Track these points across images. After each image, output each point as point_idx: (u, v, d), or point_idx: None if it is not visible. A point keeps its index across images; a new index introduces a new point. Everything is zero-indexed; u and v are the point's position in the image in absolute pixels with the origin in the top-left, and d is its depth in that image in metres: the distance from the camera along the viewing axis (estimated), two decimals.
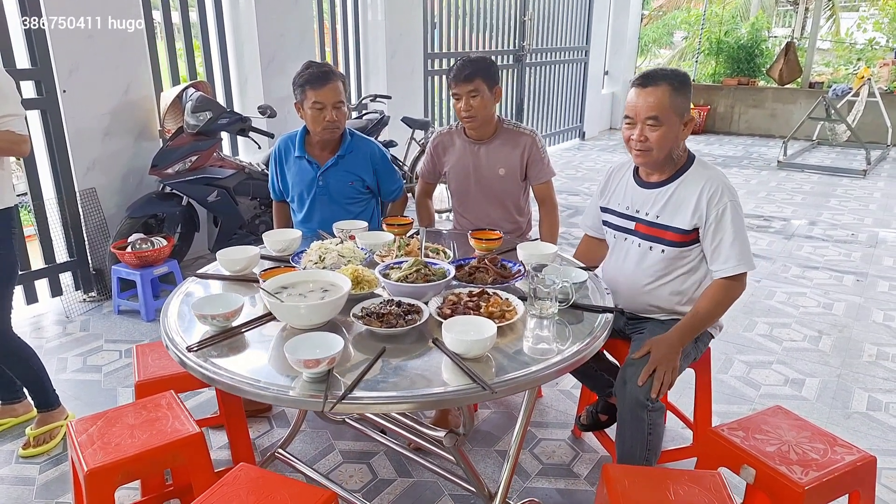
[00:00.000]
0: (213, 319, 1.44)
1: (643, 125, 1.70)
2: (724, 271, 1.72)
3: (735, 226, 1.71)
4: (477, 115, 2.24)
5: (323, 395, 1.20)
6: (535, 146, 2.34)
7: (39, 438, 2.21)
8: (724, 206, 1.71)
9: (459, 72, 2.20)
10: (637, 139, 1.71)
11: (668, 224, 1.78)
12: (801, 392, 2.57)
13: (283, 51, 4.24)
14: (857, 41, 10.75)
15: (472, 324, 1.41)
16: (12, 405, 2.33)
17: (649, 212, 1.82)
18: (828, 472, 1.45)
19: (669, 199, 1.78)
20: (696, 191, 1.74)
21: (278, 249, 1.91)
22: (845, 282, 3.75)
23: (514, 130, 2.36)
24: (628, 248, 1.89)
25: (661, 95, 1.67)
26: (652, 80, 1.69)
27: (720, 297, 1.73)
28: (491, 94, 2.24)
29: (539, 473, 2.08)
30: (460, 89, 2.21)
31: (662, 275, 1.83)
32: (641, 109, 1.69)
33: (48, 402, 2.26)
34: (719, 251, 1.72)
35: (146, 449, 1.51)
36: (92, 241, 3.39)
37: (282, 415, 2.40)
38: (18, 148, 1.96)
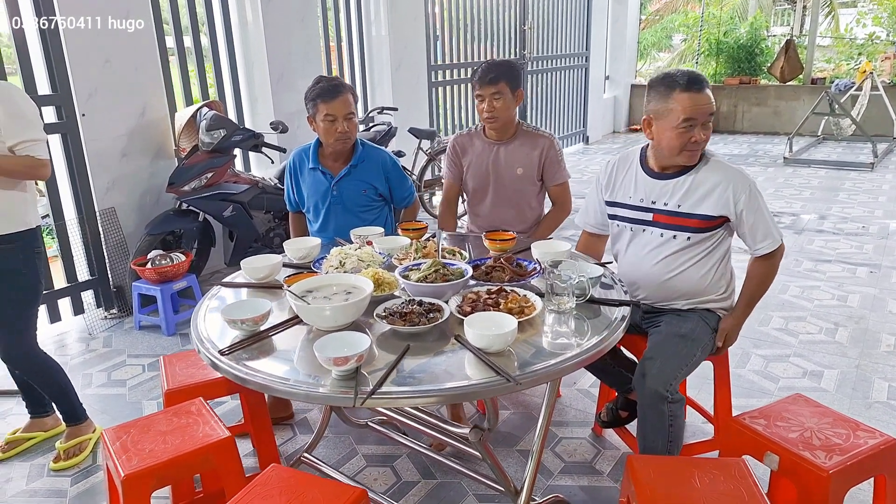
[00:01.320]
0: (243, 324, 1.49)
1: (703, 125, 1.78)
2: (764, 248, 1.84)
3: (762, 203, 1.83)
4: (499, 116, 2.31)
5: (353, 391, 1.24)
6: (552, 148, 2.42)
7: (69, 451, 2.26)
8: (748, 191, 1.80)
9: (484, 74, 2.28)
10: (701, 139, 1.79)
11: (692, 212, 1.84)
12: (821, 384, 2.58)
13: (291, 68, 4.33)
14: (857, 36, 10.77)
15: (492, 319, 1.44)
16: (42, 419, 2.38)
17: (668, 202, 1.87)
18: (851, 455, 1.46)
19: (689, 188, 1.84)
20: (718, 181, 1.81)
21: (299, 257, 1.96)
22: (859, 274, 3.75)
23: (532, 132, 2.44)
24: (647, 240, 1.93)
25: (710, 97, 1.78)
26: (703, 83, 1.78)
27: (768, 270, 1.88)
28: (513, 97, 2.32)
29: (562, 471, 2.10)
30: (484, 91, 2.28)
31: (686, 260, 1.88)
32: (705, 110, 1.76)
33: (76, 416, 2.31)
34: (756, 231, 1.83)
35: (179, 454, 1.55)
36: (112, 259, 3.47)
37: (304, 422, 2.43)
38: (37, 172, 2.01)
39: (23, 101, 1.98)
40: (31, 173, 2.01)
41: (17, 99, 1.96)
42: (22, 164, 1.97)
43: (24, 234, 2.05)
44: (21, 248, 2.05)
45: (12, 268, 2.05)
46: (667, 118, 1.79)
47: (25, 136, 1.95)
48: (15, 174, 1.99)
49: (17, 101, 1.95)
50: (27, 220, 2.06)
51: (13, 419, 2.52)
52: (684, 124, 1.76)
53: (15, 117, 1.94)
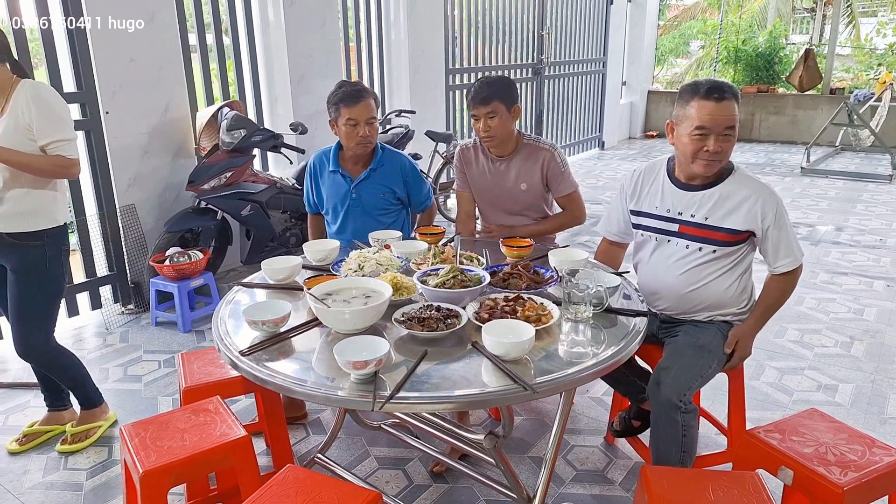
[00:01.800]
0: (263, 325, 1.51)
1: (718, 137, 1.74)
2: (784, 266, 1.83)
3: (787, 223, 1.83)
4: (495, 135, 2.30)
5: (371, 395, 1.25)
6: (553, 160, 2.38)
7: (77, 436, 2.32)
8: (776, 208, 1.80)
9: (477, 94, 2.26)
10: (714, 150, 1.75)
11: (720, 225, 1.84)
12: (835, 398, 2.56)
13: (311, 70, 4.37)
14: (878, 46, 10.65)
15: (510, 327, 1.45)
16: (59, 412, 2.42)
17: (695, 213, 1.87)
18: (867, 472, 1.46)
19: (717, 201, 1.83)
20: (746, 196, 1.81)
21: (318, 259, 1.98)
22: (875, 287, 3.72)
23: (533, 145, 2.41)
24: (672, 251, 1.93)
25: (733, 107, 1.74)
26: (724, 93, 1.74)
27: (787, 286, 1.88)
28: (509, 114, 2.30)
29: (573, 479, 2.10)
30: (478, 111, 2.27)
31: (711, 272, 1.88)
32: (721, 121, 1.73)
33: (90, 402, 2.37)
34: (779, 249, 1.83)
35: (197, 451, 1.57)
36: (131, 255, 3.52)
37: (317, 422, 2.46)
38: (68, 171, 2.05)
39: (55, 100, 2.01)
40: (62, 172, 2.05)
41: (50, 99, 2.00)
42: (53, 163, 2.01)
43: (53, 231, 2.10)
44: (50, 244, 2.10)
45: (40, 264, 2.09)
46: (683, 124, 1.80)
47: (57, 135, 1.99)
48: (45, 173, 2.03)
49: (49, 101, 1.99)
50: (56, 218, 2.10)
51: (31, 411, 2.56)
52: (697, 132, 1.75)
53: (48, 117, 1.97)
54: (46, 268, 2.11)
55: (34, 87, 1.99)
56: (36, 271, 2.10)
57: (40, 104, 1.96)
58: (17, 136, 1.96)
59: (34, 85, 2.00)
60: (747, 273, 1.93)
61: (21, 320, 2.14)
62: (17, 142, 1.97)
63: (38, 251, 2.08)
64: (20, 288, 2.11)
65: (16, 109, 1.96)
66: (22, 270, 2.10)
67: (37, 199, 2.06)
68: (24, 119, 1.96)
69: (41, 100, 1.97)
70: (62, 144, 2.01)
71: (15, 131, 1.96)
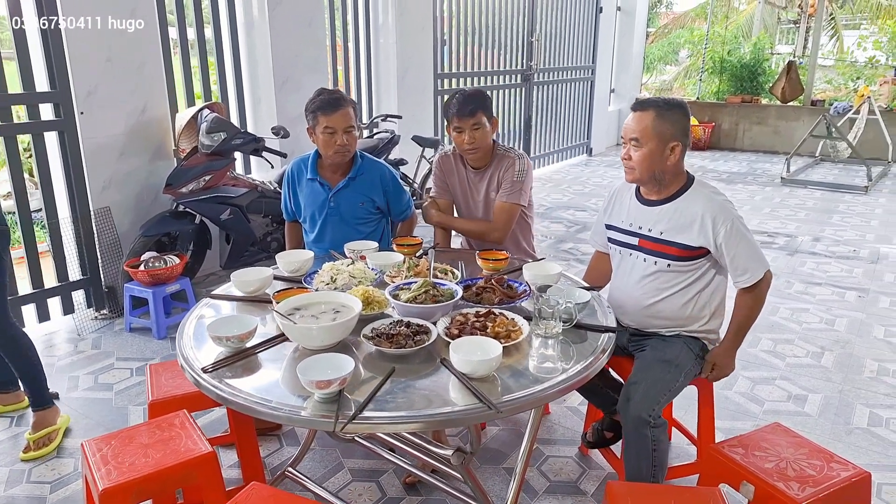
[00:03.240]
0: (228, 341, 1.49)
1: (629, 144, 1.85)
2: (746, 281, 1.83)
3: (744, 237, 1.82)
4: (480, 146, 2.32)
5: (334, 416, 1.25)
6: (513, 166, 2.36)
7: (39, 442, 2.28)
8: (730, 223, 1.80)
9: (463, 107, 2.27)
10: (623, 157, 1.87)
11: (673, 240, 1.86)
12: (804, 408, 2.60)
13: (296, 71, 4.34)
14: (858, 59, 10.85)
15: (478, 344, 1.46)
16: (3, 394, 2.44)
17: (652, 228, 1.89)
18: (823, 488, 1.48)
19: (672, 216, 1.86)
20: (699, 212, 1.82)
21: (291, 270, 1.97)
22: (847, 298, 3.78)
23: (503, 154, 2.42)
24: (633, 263, 1.95)
25: (645, 120, 1.81)
26: (642, 105, 1.84)
27: (752, 303, 1.86)
28: (490, 126, 2.33)
29: (546, 491, 2.11)
30: (463, 123, 2.27)
31: (668, 287, 1.90)
32: (628, 130, 1.85)
33: (43, 401, 2.33)
34: (737, 264, 1.82)
35: (159, 468, 1.54)
36: (105, 259, 3.47)
37: (292, 433, 2.44)
38: None
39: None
40: None
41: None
42: None
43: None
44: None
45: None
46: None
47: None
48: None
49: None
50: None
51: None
52: (622, 141, 1.89)
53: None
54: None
55: None
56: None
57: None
58: None
59: None
60: (709, 289, 1.91)
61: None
62: None
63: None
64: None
65: None
66: None
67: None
68: None
69: None
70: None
71: None
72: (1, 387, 2.45)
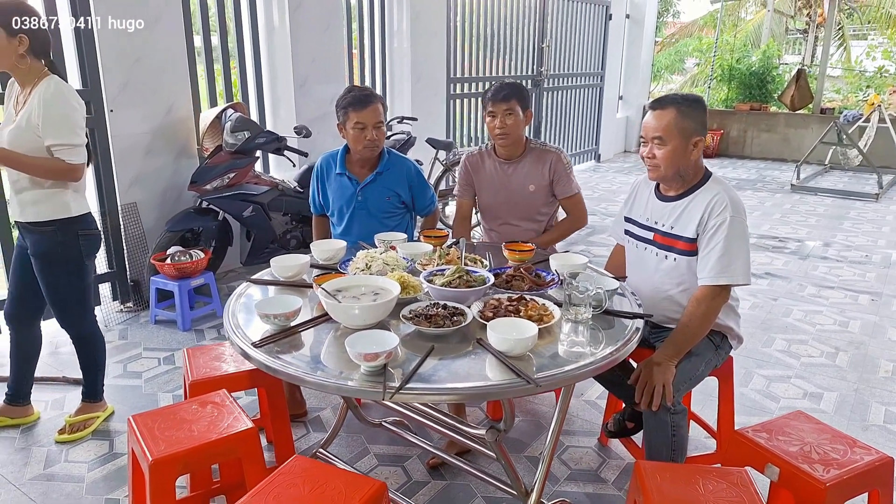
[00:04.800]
0: (275, 318, 1.56)
1: (651, 143, 1.88)
2: (704, 279, 1.82)
3: (728, 241, 1.78)
4: (510, 132, 2.40)
5: (382, 386, 1.31)
6: (559, 162, 2.49)
7: (75, 426, 2.36)
8: (724, 220, 1.80)
9: (497, 92, 2.38)
10: (647, 156, 1.90)
11: (680, 234, 1.91)
12: (820, 405, 2.64)
13: (314, 74, 4.44)
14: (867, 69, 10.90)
15: (514, 325, 1.52)
16: (13, 407, 2.42)
17: (665, 223, 1.95)
18: (848, 470, 1.53)
19: (683, 211, 1.91)
20: (704, 203, 1.86)
21: (325, 258, 2.04)
22: (860, 301, 3.82)
23: (540, 149, 2.52)
24: (648, 257, 2.01)
25: (667, 117, 1.84)
26: (661, 103, 1.88)
27: (702, 308, 1.80)
28: (523, 116, 2.42)
29: (568, 478, 2.16)
30: (496, 108, 2.38)
31: (677, 282, 1.94)
32: (650, 129, 1.88)
33: (94, 394, 2.43)
34: (706, 260, 1.82)
35: (205, 442, 1.61)
36: (131, 253, 3.55)
37: (317, 420, 2.50)
38: (65, 176, 2.05)
39: (66, 103, 2.01)
40: (59, 176, 2.05)
41: (60, 100, 1.99)
42: (50, 167, 2.02)
43: (65, 220, 2.13)
44: (62, 230, 2.14)
45: (53, 248, 2.15)
46: None
47: (60, 139, 2.00)
48: (41, 174, 2.04)
49: (59, 103, 1.99)
50: (70, 208, 2.14)
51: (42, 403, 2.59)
52: (641, 140, 1.92)
53: (56, 120, 1.98)
54: (60, 252, 2.15)
55: (50, 85, 1.99)
56: (51, 256, 2.16)
57: (49, 104, 1.97)
58: (27, 133, 2.00)
59: (52, 83, 2.00)
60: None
61: (54, 303, 2.23)
62: (27, 138, 2.00)
63: (50, 237, 2.13)
64: (41, 272, 2.18)
65: (31, 105, 2.00)
66: (38, 255, 2.16)
67: (45, 191, 2.09)
68: (34, 117, 1.98)
69: (52, 100, 1.97)
70: (66, 149, 2.01)
71: (26, 127, 2.00)
72: (13, 399, 2.41)
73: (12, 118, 2.07)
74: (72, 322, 2.30)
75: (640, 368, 1.80)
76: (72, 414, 2.40)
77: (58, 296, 2.22)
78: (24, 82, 2.06)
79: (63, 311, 2.26)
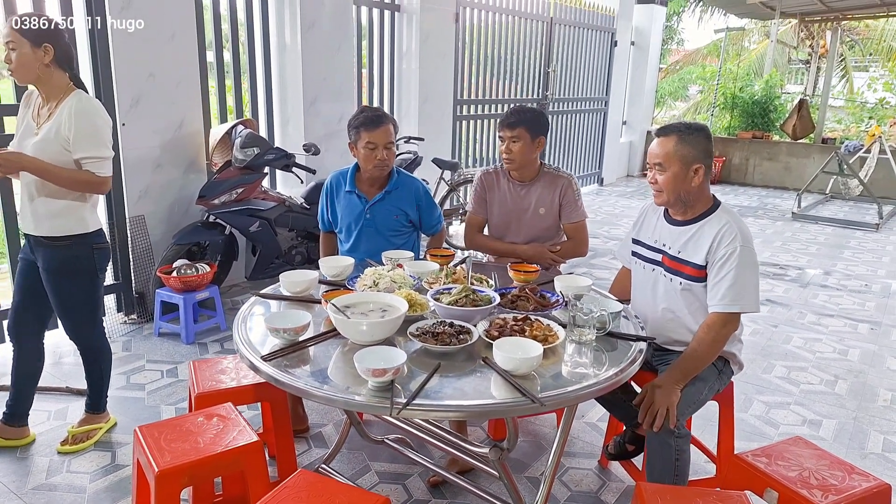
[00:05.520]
0: (284, 333, 1.59)
1: (654, 169, 1.94)
2: (715, 307, 1.84)
3: (739, 270, 1.81)
4: (515, 158, 2.46)
5: (389, 402, 1.33)
6: (570, 187, 2.54)
7: (78, 437, 2.37)
8: (734, 250, 1.83)
9: (506, 118, 2.45)
10: (650, 181, 1.97)
11: (688, 259, 1.94)
12: (819, 432, 2.65)
13: (324, 93, 4.52)
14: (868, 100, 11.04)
15: (519, 344, 1.55)
16: (9, 427, 2.37)
17: (672, 246, 1.98)
18: (846, 496, 1.54)
19: (691, 237, 1.94)
20: (712, 232, 1.89)
21: (333, 275, 2.07)
22: (860, 329, 3.84)
23: (553, 173, 2.57)
24: (656, 279, 2.04)
25: (667, 144, 1.90)
26: (665, 131, 1.94)
27: (712, 335, 1.83)
28: (532, 143, 2.46)
29: (568, 500, 2.16)
30: (504, 133, 2.45)
31: (683, 305, 1.96)
32: (652, 156, 1.95)
33: (98, 406, 2.44)
34: (718, 288, 1.84)
35: (211, 454, 1.62)
36: (137, 265, 3.58)
37: (318, 436, 2.51)
38: (94, 189, 2.11)
39: (97, 117, 2.07)
40: (88, 189, 2.11)
41: (91, 114, 2.06)
42: (80, 179, 2.07)
43: (80, 235, 2.17)
44: (78, 243, 2.18)
45: (68, 263, 2.18)
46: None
47: (90, 152, 2.06)
48: (71, 186, 2.09)
49: (90, 117, 2.05)
50: (87, 224, 2.18)
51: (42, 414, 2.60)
52: (648, 166, 1.98)
53: (87, 133, 2.04)
54: (76, 266, 2.19)
55: (81, 99, 2.06)
56: (66, 269, 2.18)
57: (80, 118, 2.03)
58: (54, 145, 2.05)
59: (82, 98, 2.07)
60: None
61: (65, 315, 2.25)
62: (53, 150, 2.05)
63: (66, 251, 2.16)
64: (53, 285, 2.20)
65: (59, 118, 2.05)
66: (53, 269, 2.18)
67: (64, 205, 2.13)
68: (63, 130, 2.04)
69: (83, 114, 2.04)
70: (94, 161, 2.06)
71: (54, 139, 2.04)
72: (9, 419, 2.36)
73: (34, 130, 2.11)
74: (81, 334, 2.32)
75: (645, 390, 1.81)
76: (75, 425, 2.41)
77: (69, 308, 2.25)
78: (49, 95, 2.10)
79: (73, 322, 2.28)
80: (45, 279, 2.21)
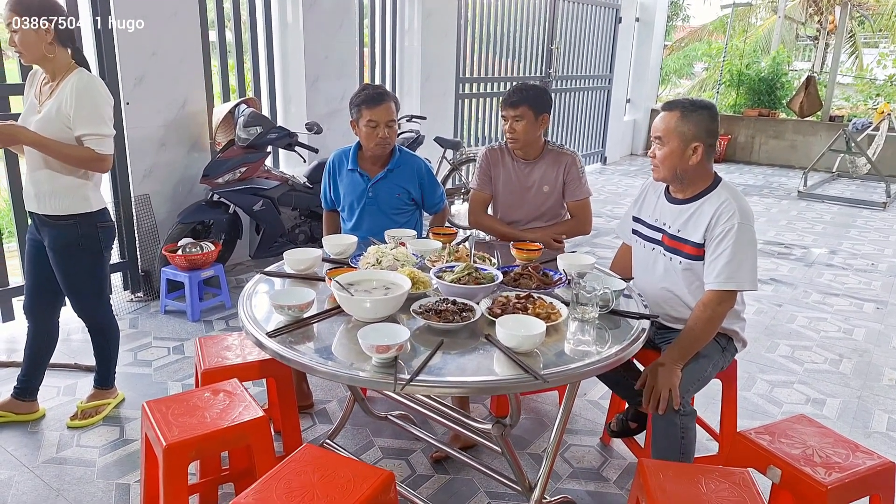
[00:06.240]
0: (289, 310, 1.60)
1: (654, 143, 1.94)
2: (711, 285, 1.84)
3: (736, 247, 1.79)
4: (518, 137, 2.43)
5: (393, 377, 1.34)
6: (573, 165, 2.53)
7: (87, 412, 2.40)
8: (732, 227, 1.81)
9: (509, 97, 2.42)
10: (650, 155, 1.96)
11: (687, 238, 1.93)
12: (823, 411, 2.66)
13: (326, 71, 4.48)
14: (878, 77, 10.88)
15: (522, 322, 1.55)
16: (19, 402, 2.41)
17: (672, 225, 1.97)
18: (849, 474, 1.55)
19: (691, 216, 1.92)
20: (713, 209, 1.87)
21: (336, 253, 2.07)
22: (865, 309, 3.83)
23: (557, 151, 2.55)
24: (656, 258, 2.04)
25: (669, 120, 1.89)
26: (669, 105, 1.92)
27: (708, 312, 1.82)
28: (535, 121, 2.43)
29: (570, 476, 2.19)
30: (507, 112, 2.42)
31: (683, 285, 1.96)
32: (654, 129, 1.95)
33: (107, 382, 2.48)
34: (714, 265, 1.83)
35: (218, 429, 1.64)
36: (143, 243, 3.59)
37: (323, 412, 2.54)
38: (95, 165, 2.10)
39: (97, 95, 2.07)
40: (89, 165, 2.11)
41: (92, 92, 2.06)
42: (81, 155, 2.07)
43: (84, 214, 2.18)
44: (82, 222, 2.18)
45: (73, 241, 2.18)
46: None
47: (91, 129, 2.06)
48: (70, 162, 2.09)
49: (91, 95, 2.05)
50: (90, 203, 2.19)
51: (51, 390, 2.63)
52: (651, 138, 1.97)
53: (87, 110, 2.04)
54: (81, 244, 2.19)
55: (82, 77, 2.06)
56: (71, 248, 2.19)
57: (81, 95, 2.03)
58: (55, 123, 2.05)
59: (83, 76, 2.07)
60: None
61: (72, 293, 2.27)
62: (55, 127, 2.05)
63: (70, 230, 2.17)
64: (60, 264, 2.21)
65: (61, 96, 2.04)
66: (58, 248, 2.19)
67: (67, 184, 2.13)
68: (65, 107, 2.04)
69: (84, 91, 2.04)
70: (94, 139, 2.07)
71: (55, 117, 2.04)
72: (20, 393, 2.40)
73: (36, 108, 2.11)
74: (88, 311, 2.34)
75: (646, 373, 1.81)
76: (84, 400, 2.44)
77: (76, 286, 2.26)
78: (53, 73, 2.10)
79: (80, 300, 2.30)
80: (52, 258, 2.22)
